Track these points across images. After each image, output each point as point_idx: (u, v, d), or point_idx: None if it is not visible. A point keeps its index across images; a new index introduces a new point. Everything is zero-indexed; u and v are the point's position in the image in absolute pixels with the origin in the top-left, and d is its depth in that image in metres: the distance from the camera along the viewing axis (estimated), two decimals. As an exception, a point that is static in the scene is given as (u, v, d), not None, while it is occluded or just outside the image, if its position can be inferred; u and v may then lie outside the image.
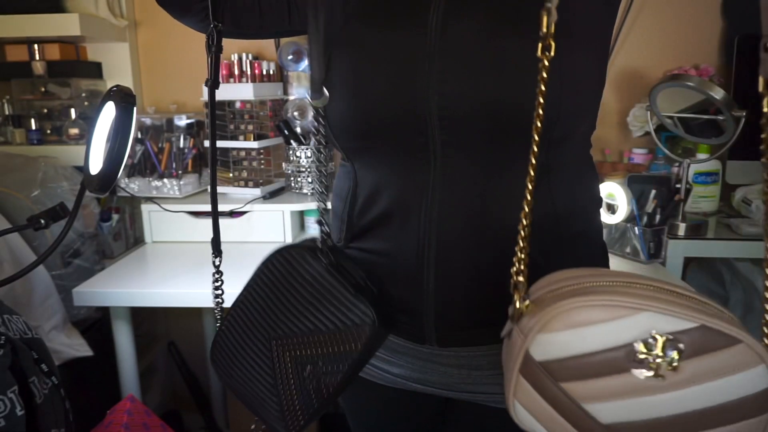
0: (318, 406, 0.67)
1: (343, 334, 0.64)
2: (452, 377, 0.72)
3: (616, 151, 1.69)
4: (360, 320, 0.63)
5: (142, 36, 1.74)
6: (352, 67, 0.64)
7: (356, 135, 0.65)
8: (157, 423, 1.10)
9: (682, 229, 1.33)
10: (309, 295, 0.66)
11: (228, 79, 1.52)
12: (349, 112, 0.64)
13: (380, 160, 0.66)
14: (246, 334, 0.71)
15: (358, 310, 0.63)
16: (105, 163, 0.74)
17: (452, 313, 0.67)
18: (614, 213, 1.32)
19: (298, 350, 0.66)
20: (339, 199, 0.74)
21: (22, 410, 0.68)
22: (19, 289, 1.17)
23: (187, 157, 1.60)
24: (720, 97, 1.19)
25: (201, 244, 1.51)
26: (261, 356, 0.69)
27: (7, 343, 0.70)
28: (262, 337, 0.69)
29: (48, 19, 1.46)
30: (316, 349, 0.66)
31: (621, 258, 1.33)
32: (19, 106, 1.59)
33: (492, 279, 0.64)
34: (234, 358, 0.72)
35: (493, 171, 0.63)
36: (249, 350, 0.70)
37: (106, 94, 0.74)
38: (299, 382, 0.67)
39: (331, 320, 0.65)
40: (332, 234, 0.75)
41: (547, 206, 0.65)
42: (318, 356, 0.66)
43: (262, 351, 0.69)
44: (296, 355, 0.67)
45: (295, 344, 0.66)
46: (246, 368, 0.71)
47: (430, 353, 0.71)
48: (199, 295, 1.20)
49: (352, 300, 0.64)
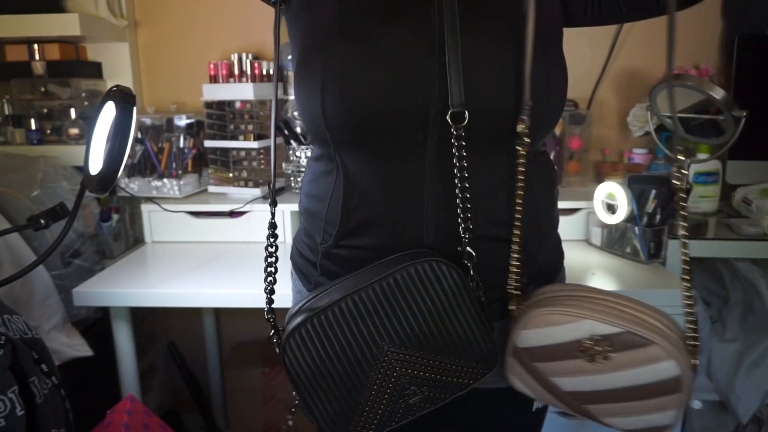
0: (395, 424, 0.65)
1: (464, 368, 0.64)
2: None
3: (616, 151, 1.69)
4: (484, 362, 0.65)
5: (142, 36, 1.74)
6: (352, 59, 0.63)
7: (353, 128, 0.65)
8: (157, 423, 1.10)
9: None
10: (443, 313, 0.63)
11: (228, 79, 1.52)
12: (348, 105, 0.63)
13: (376, 155, 0.67)
14: (356, 326, 0.62)
15: (487, 351, 0.64)
16: (105, 163, 0.74)
17: None
18: (614, 213, 1.32)
19: (412, 368, 0.63)
20: (318, 200, 0.73)
21: (22, 410, 0.68)
22: (19, 289, 1.17)
23: (187, 157, 1.60)
24: (720, 97, 1.19)
25: (201, 244, 1.51)
26: (364, 357, 0.63)
27: (7, 343, 0.70)
28: (376, 337, 0.62)
29: (48, 19, 1.46)
30: (430, 373, 0.64)
31: (621, 258, 1.33)
32: (19, 106, 1.59)
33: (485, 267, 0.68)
34: (325, 344, 0.63)
35: (484, 165, 0.66)
36: (352, 345, 0.63)
37: (106, 94, 0.74)
38: (393, 398, 0.64)
39: (460, 349, 0.63)
40: (314, 236, 0.75)
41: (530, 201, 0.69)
42: (428, 380, 0.64)
43: (368, 352, 0.63)
44: (406, 372, 0.63)
45: (411, 360, 0.63)
46: (337, 361, 0.63)
47: None
48: (199, 295, 1.20)
49: (486, 337, 0.64)
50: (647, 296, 1.16)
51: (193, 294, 1.20)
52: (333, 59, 0.64)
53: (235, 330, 1.92)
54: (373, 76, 0.63)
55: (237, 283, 1.22)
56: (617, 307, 0.64)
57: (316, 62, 0.65)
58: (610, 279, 1.22)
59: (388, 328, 0.62)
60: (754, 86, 1.49)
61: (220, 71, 1.52)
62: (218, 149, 1.56)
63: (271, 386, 1.74)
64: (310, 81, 0.65)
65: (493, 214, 0.68)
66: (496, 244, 0.69)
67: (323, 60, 0.64)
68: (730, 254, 1.38)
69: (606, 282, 1.21)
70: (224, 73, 1.52)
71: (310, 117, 0.67)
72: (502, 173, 0.67)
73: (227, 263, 1.35)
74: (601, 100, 1.67)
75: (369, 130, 0.65)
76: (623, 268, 1.28)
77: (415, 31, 0.63)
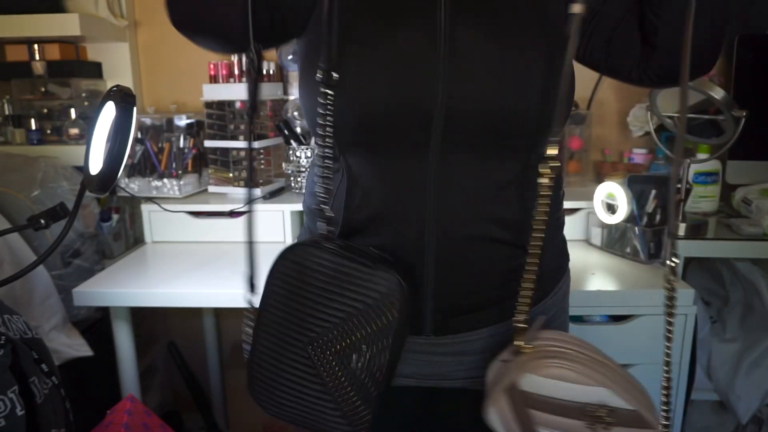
0: (376, 392, 0.64)
1: (374, 309, 0.62)
2: (445, 366, 0.74)
3: (616, 151, 1.69)
4: (386, 288, 0.62)
5: (142, 36, 1.74)
6: (356, 61, 0.64)
7: (357, 128, 0.65)
8: (157, 423, 1.10)
9: (682, 229, 1.33)
10: (329, 286, 0.64)
11: (228, 79, 1.52)
12: (352, 106, 0.64)
13: (379, 155, 0.67)
14: (279, 353, 0.67)
15: (382, 279, 0.62)
16: (105, 163, 0.74)
17: (449, 302, 0.70)
18: (614, 213, 1.32)
19: (337, 344, 0.63)
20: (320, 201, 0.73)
21: (23, 410, 0.68)
22: (19, 289, 1.17)
23: (187, 157, 1.60)
24: (720, 97, 1.19)
25: (201, 244, 1.51)
26: (302, 368, 0.65)
27: (7, 343, 0.70)
28: (297, 349, 0.65)
29: (48, 19, 1.46)
30: (354, 336, 0.63)
31: (621, 258, 1.33)
32: (19, 106, 1.59)
33: (485, 267, 0.69)
34: (275, 384, 0.68)
35: (486, 167, 0.66)
36: (288, 368, 0.66)
37: (106, 94, 0.74)
38: (350, 376, 0.64)
39: (359, 300, 0.62)
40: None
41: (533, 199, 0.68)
42: (359, 341, 0.63)
43: (302, 362, 0.65)
44: (337, 350, 0.64)
45: (332, 340, 0.64)
46: (291, 388, 0.67)
47: (426, 344, 0.73)
48: (199, 295, 1.20)
49: (371, 272, 0.62)
50: (647, 296, 1.16)
51: (193, 294, 1.20)
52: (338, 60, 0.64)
53: (235, 330, 1.92)
54: (377, 77, 0.63)
55: (237, 283, 1.21)
56: (628, 383, 0.64)
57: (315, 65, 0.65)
58: (610, 279, 1.23)
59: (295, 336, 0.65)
60: (754, 86, 1.49)
61: (220, 71, 1.52)
62: (218, 149, 1.56)
63: (271, 386, 1.74)
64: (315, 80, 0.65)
65: (496, 215, 0.68)
66: (498, 246, 0.69)
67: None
68: (730, 254, 1.38)
69: (606, 282, 1.21)
70: (224, 73, 1.52)
71: (314, 117, 0.67)
72: (504, 175, 0.67)
73: (227, 263, 1.35)
74: (601, 100, 1.67)
75: (372, 130, 0.65)
76: (623, 268, 1.28)
77: (420, 32, 0.63)
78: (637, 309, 1.18)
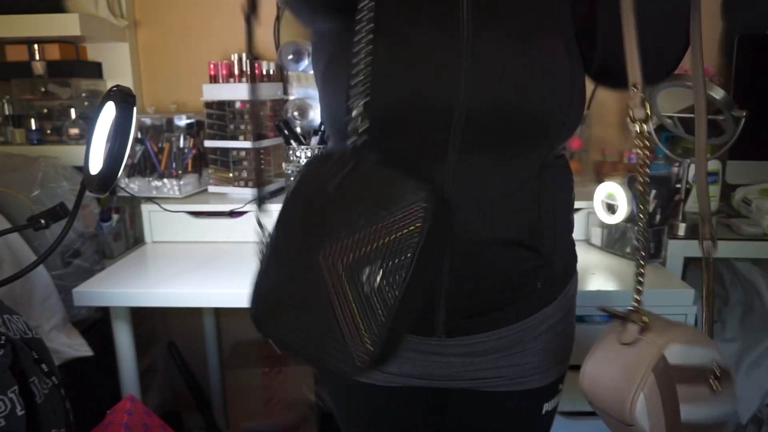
0: (385, 318, 0.55)
1: (397, 216, 0.54)
2: (454, 367, 0.74)
3: (616, 151, 1.69)
4: (415, 198, 0.54)
5: (142, 36, 1.74)
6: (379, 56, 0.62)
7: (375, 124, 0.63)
8: (157, 423, 1.10)
9: (682, 229, 1.33)
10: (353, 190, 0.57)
11: (228, 79, 1.52)
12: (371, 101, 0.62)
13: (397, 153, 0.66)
14: (288, 266, 0.59)
15: (411, 188, 0.55)
16: (105, 163, 0.74)
17: (462, 303, 0.69)
18: (614, 213, 1.32)
19: (351, 254, 0.55)
20: None
21: (23, 410, 0.68)
22: (19, 289, 1.17)
23: (187, 157, 1.60)
24: (720, 97, 1.19)
25: (201, 244, 1.51)
26: (310, 282, 0.57)
27: (7, 343, 0.70)
28: (307, 259, 0.57)
29: (48, 19, 1.46)
30: (370, 245, 0.55)
31: (621, 258, 1.33)
32: (19, 106, 1.59)
33: (499, 269, 0.68)
34: (279, 300, 0.61)
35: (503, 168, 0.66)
36: (295, 282, 0.59)
37: (106, 94, 0.74)
38: (358, 294, 0.55)
39: (382, 205, 0.55)
40: None
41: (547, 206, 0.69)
42: (375, 252, 0.55)
43: (310, 274, 0.57)
44: (349, 261, 0.55)
45: (345, 248, 0.55)
46: (296, 307, 0.59)
47: (436, 345, 0.73)
48: (199, 295, 1.20)
49: (402, 179, 0.56)
50: (647, 296, 1.16)
51: (193, 294, 1.20)
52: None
53: (235, 330, 1.92)
54: (398, 74, 0.62)
55: (237, 283, 1.22)
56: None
57: (344, 58, 0.64)
58: (610, 279, 1.22)
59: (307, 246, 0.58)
60: (754, 86, 1.49)
61: (220, 71, 1.52)
62: (218, 149, 1.56)
63: (271, 386, 1.74)
64: (337, 76, 0.65)
65: (511, 218, 0.67)
66: (512, 248, 0.68)
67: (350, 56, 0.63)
68: (730, 254, 1.38)
69: (606, 282, 1.21)
70: (224, 73, 1.52)
71: (333, 112, 0.66)
72: (521, 177, 0.67)
73: (227, 263, 1.35)
74: (601, 100, 1.67)
75: (391, 127, 0.64)
76: (623, 268, 1.28)
77: (443, 29, 0.62)
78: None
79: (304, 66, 1.53)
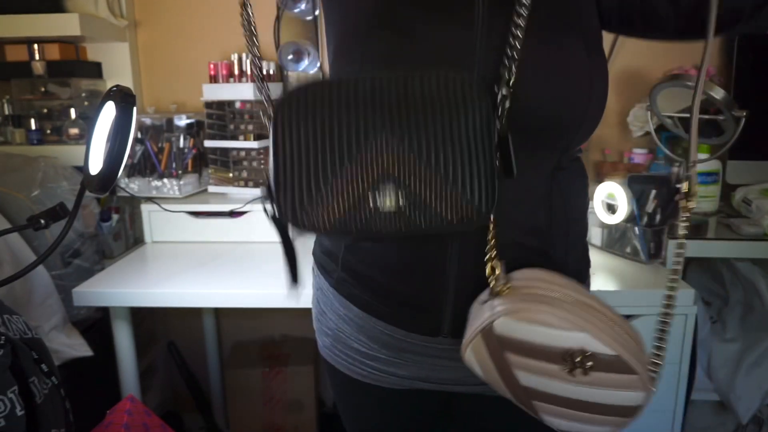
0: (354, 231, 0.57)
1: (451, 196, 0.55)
2: (460, 371, 0.73)
3: (616, 151, 1.69)
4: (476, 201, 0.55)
5: (142, 36, 1.74)
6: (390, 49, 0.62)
7: None
8: (157, 423, 1.10)
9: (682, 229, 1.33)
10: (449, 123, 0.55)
11: (228, 79, 1.52)
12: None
13: None
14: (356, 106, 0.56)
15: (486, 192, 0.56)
16: (105, 163, 0.74)
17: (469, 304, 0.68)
18: (614, 213, 1.32)
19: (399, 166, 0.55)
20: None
21: (22, 410, 0.68)
22: (19, 289, 1.17)
23: (187, 157, 1.60)
24: (720, 97, 1.19)
25: (201, 244, 1.51)
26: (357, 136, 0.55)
27: (7, 343, 0.70)
28: (376, 122, 0.55)
29: (48, 19, 1.46)
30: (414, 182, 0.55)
31: (621, 258, 1.33)
32: (19, 106, 1.59)
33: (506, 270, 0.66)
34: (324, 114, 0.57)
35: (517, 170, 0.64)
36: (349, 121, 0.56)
37: (106, 94, 0.74)
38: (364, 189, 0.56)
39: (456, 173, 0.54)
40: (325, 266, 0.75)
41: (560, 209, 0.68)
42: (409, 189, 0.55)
43: (363, 132, 0.55)
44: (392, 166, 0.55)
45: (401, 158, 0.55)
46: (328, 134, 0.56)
47: (442, 348, 0.72)
48: (199, 295, 1.20)
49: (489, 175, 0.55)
50: (647, 296, 1.16)
51: (193, 294, 1.20)
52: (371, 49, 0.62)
53: (235, 330, 1.92)
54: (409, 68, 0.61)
55: (237, 283, 1.22)
56: (614, 327, 0.61)
57: (353, 51, 0.63)
58: (610, 279, 1.22)
59: (386, 118, 0.55)
60: (754, 86, 1.49)
61: (220, 71, 1.52)
62: (218, 149, 1.56)
63: (271, 386, 1.74)
64: (347, 68, 0.64)
65: (522, 220, 0.66)
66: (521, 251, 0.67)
67: (360, 50, 0.63)
68: (730, 254, 1.38)
69: (606, 282, 1.21)
70: (224, 73, 1.52)
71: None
72: (533, 179, 0.66)
73: (227, 263, 1.35)
74: (601, 100, 1.67)
75: None
76: (623, 268, 1.28)
77: (458, 23, 0.61)
78: (637, 309, 1.18)
79: (304, 66, 1.53)
